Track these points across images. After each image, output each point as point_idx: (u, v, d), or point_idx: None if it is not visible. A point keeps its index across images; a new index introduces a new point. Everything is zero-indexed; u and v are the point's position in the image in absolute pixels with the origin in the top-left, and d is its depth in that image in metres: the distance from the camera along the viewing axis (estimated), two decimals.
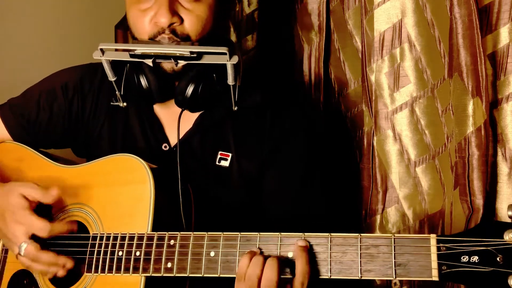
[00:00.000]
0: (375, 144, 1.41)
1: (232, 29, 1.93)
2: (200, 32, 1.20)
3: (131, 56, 1.17)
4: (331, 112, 1.63)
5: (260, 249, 1.03)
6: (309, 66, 1.65)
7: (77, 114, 1.36)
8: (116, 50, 1.22)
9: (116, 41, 2.28)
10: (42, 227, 1.14)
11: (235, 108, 1.27)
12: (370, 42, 1.40)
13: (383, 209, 1.42)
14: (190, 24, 1.19)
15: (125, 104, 1.30)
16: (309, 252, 0.99)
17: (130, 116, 1.34)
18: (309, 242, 1.00)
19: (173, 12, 1.17)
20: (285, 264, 1.01)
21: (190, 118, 1.29)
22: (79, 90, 1.36)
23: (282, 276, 0.99)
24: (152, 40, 1.19)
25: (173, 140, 1.31)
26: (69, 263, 1.16)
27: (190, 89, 1.20)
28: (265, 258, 1.00)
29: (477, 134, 1.16)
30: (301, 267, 0.98)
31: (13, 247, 1.16)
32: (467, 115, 1.17)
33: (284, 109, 1.31)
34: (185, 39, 1.19)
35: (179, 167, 1.19)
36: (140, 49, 1.15)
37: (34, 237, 1.14)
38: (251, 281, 0.99)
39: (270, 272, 0.98)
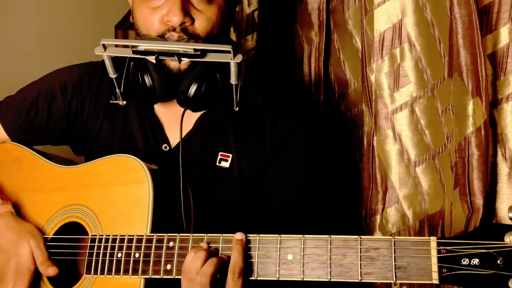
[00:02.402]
0: (375, 144, 1.41)
1: (232, 29, 1.93)
2: (209, 33, 1.21)
3: (134, 52, 1.17)
4: (331, 112, 1.63)
5: (208, 243, 1.06)
6: (309, 66, 1.65)
7: (76, 114, 1.35)
8: (118, 46, 1.21)
9: None
10: None
11: (237, 109, 1.27)
12: (370, 42, 1.39)
13: (383, 209, 1.42)
14: (201, 25, 1.20)
15: (124, 102, 1.30)
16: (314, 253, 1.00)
17: (129, 116, 1.33)
18: (247, 238, 1.04)
19: (185, 12, 1.17)
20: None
21: (190, 119, 1.28)
22: (78, 89, 1.35)
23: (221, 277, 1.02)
24: (161, 37, 1.19)
25: (173, 140, 1.30)
26: None
27: (193, 88, 1.20)
28: (210, 254, 1.03)
29: (477, 134, 1.15)
30: (233, 258, 1.02)
31: None
32: (467, 115, 1.17)
33: (285, 110, 1.31)
34: (194, 38, 1.19)
35: (181, 167, 1.19)
36: (143, 45, 1.15)
37: None
38: (189, 274, 1.02)
39: (208, 266, 1.01)
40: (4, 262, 1.18)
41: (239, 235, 1.04)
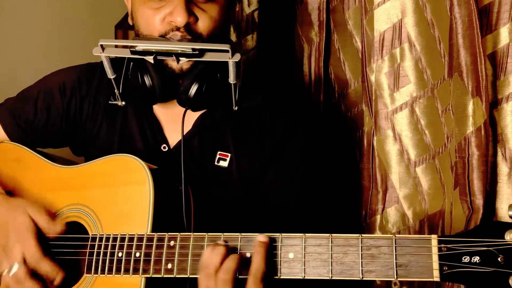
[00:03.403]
0: (375, 144, 1.41)
1: (232, 29, 1.93)
2: (212, 32, 1.21)
3: (132, 53, 1.17)
4: (331, 112, 1.63)
5: (225, 241, 1.04)
6: (309, 66, 1.65)
7: (75, 114, 1.35)
8: (117, 46, 1.21)
9: None
10: (33, 255, 1.13)
11: (235, 108, 1.27)
12: (370, 42, 1.40)
13: (383, 209, 1.42)
14: (204, 24, 1.20)
15: (123, 103, 1.30)
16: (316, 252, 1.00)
17: (128, 116, 1.33)
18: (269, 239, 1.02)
19: (189, 11, 1.17)
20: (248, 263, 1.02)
21: (189, 119, 1.28)
22: (77, 90, 1.35)
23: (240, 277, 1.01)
24: (162, 37, 1.19)
25: (172, 141, 1.30)
26: None
27: (194, 88, 1.20)
28: (228, 250, 1.01)
29: (477, 134, 1.16)
30: (255, 262, 0.99)
31: (4, 263, 1.14)
32: (467, 115, 1.17)
33: (284, 110, 1.31)
34: (198, 37, 1.19)
35: (182, 167, 1.19)
36: (141, 46, 1.15)
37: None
38: (208, 270, 1.00)
39: (230, 262, 0.99)
40: (3, 234, 1.16)
41: (262, 237, 1.02)
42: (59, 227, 1.16)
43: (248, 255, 1.03)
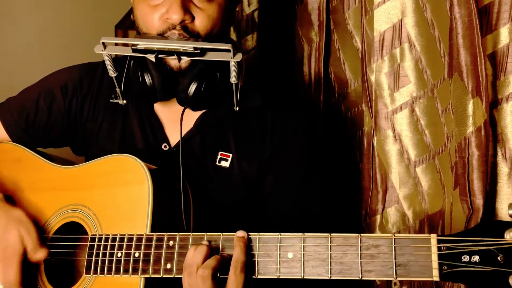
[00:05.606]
0: (375, 144, 1.41)
1: (232, 29, 1.93)
2: (210, 31, 1.20)
3: (134, 51, 1.17)
4: (331, 112, 1.63)
5: (209, 241, 1.06)
6: (309, 66, 1.65)
7: (76, 114, 1.35)
8: (117, 44, 1.21)
9: None
10: (10, 282, 1.14)
11: (237, 108, 1.27)
12: (370, 42, 1.39)
13: (383, 209, 1.42)
14: (201, 23, 1.19)
15: (124, 101, 1.30)
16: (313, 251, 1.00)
17: (129, 115, 1.33)
18: (249, 236, 1.05)
19: (185, 9, 1.17)
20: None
21: (190, 118, 1.28)
22: (78, 90, 1.35)
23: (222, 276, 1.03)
24: (160, 35, 1.19)
25: (173, 140, 1.30)
26: None
27: (193, 87, 1.20)
28: (211, 250, 1.04)
29: (477, 134, 1.15)
30: (236, 254, 1.02)
31: None
32: (467, 115, 1.17)
33: (285, 112, 1.31)
34: (195, 36, 1.19)
35: (181, 167, 1.19)
36: (142, 44, 1.15)
37: None
38: (191, 268, 1.02)
39: (210, 260, 1.02)
40: None
41: (240, 233, 1.05)
42: (42, 254, 1.17)
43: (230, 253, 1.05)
